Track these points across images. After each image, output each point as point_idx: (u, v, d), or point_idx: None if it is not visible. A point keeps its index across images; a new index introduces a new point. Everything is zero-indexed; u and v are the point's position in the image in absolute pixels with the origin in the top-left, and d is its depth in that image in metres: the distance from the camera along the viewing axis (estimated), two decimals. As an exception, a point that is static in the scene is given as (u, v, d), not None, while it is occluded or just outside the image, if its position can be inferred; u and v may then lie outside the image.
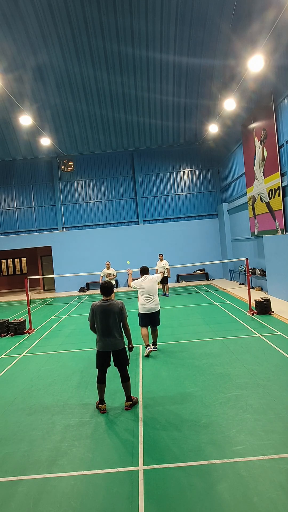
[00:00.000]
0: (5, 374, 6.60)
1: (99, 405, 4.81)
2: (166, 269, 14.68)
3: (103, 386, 4.82)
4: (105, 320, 4.67)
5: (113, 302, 4.77)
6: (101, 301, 4.77)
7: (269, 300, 9.89)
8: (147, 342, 7.10)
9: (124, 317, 4.79)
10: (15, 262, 24.69)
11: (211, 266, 19.68)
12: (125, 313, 4.80)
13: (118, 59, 15.19)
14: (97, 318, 4.70)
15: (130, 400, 4.85)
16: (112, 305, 4.70)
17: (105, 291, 4.81)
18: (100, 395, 4.83)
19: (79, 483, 3.34)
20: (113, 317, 4.68)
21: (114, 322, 4.69)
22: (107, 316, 4.67)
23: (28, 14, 12.99)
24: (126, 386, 4.85)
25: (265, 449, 3.61)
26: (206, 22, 13.22)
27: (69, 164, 20.41)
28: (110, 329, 4.68)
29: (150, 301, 6.95)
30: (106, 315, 4.67)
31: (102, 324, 4.68)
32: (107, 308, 4.68)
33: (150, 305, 6.96)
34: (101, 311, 4.68)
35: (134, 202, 20.47)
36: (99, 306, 4.71)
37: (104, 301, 4.76)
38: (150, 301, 6.95)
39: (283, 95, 11.16)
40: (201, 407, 4.63)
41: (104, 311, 4.67)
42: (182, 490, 3.13)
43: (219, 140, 18.98)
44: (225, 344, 7.36)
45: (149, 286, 6.96)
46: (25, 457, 3.84)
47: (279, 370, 5.65)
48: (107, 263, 13.44)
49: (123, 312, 4.78)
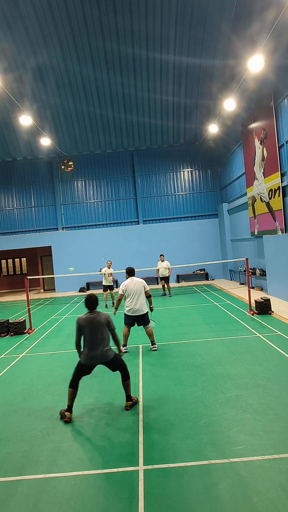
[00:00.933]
0: (5, 374, 6.60)
1: (66, 412, 4.51)
2: (168, 269, 14.71)
3: (75, 392, 4.57)
4: (94, 332, 4.52)
5: (100, 313, 4.64)
6: (87, 314, 4.61)
7: (269, 300, 9.89)
8: (125, 342, 7.28)
9: (112, 329, 4.69)
10: (15, 262, 24.69)
11: (211, 266, 19.68)
12: (112, 325, 4.69)
13: (118, 59, 15.19)
14: (85, 331, 4.53)
15: (130, 400, 4.82)
16: (99, 317, 4.59)
17: (91, 304, 4.64)
18: (69, 402, 4.55)
19: (79, 483, 3.34)
20: (101, 329, 4.56)
21: (102, 334, 4.57)
22: (96, 328, 4.53)
23: (28, 14, 12.99)
24: (126, 385, 4.81)
25: (265, 449, 3.61)
26: (206, 22, 13.22)
27: (69, 164, 20.41)
28: (99, 342, 4.55)
29: (136, 303, 7.04)
30: (94, 327, 4.53)
31: (90, 337, 4.52)
32: (95, 320, 4.55)
33: (135, 306, 7.04)
34: (89, 324, 4.52)
35: (134, 202, 20.47)
36: (86, 319, 4.55)
37: (90, 313, 4.61)
38: (135, 303, 7.04)
39: (283, 95, 11.16)
40: (201, 407, 4.62)
41: (92, 324, 4.52)
42: (182, 490, 3.13)
43: (219, 140, 18.98)
44: (225, 344, 7.36)
45: (137, 289, 7.06)
46: (25, 457, 3.84)
47: (279, 370, 5.65)
48: (108, 262, 13.53)
49: (110, 323, 4.67)
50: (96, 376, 6.10)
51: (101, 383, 5.78)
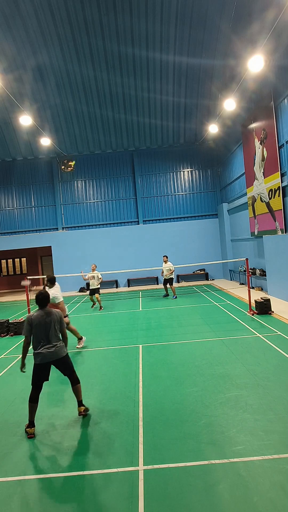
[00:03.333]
0: (5, 374, 6.60)
1: (27, 428, 4.33)
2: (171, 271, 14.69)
3: (35, 406, 4.40)
4: (45, 330, 4.46)
5: (52, 311, 4.60)
6: (38, 312, 4.54)
7: (269, 300, 9.89)
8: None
9: (63, 326, 4.68)
10: (15, 262, 24.69)
11: (211, 266, 19.68)
12: (64, 322, 4.70)
13: (118, 59, 15.19)
14: (36, 329, 4.44)
15: (83, 405, 4.68)
16: (51, 315, 4.54)
17: (42, 301, 4.59)
18: (30, 416, 4.37)
19: (79, 483, 3.34)
20: (53, 326, 4.51)
21: (55, 332, 4.51)
22: (48, 326, 4.47)
23: (28, 14, 12.99)
24: (76, 390, 4.67)
25: (265, 449, 3.61)
26: (206, 22, 13.22)
27: (69, 164, 20.41)
28: (51, 339, 4.48)
29: None
30: (46, 325, 4.47)
31: (42, 335, 4.45)
32: (47, 318, 4.49)
33: None
34: (40, 321, 4.45)
35: (134, 202, 20.46)
36: (37, 317, 4.46)
37: (41, 311, 4.54)
38: None
39: (283, 95, 11.16)
40: (201, 407, 4.62)
41: (44, 321, 4.47)
42: (182, 490, 3.13)
43: (219, 140, 18.98)
44: (225, 344, 7.36)
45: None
46: (25, 457, 3.84)
47: (279, 370, 5.65)
48: (92, 266, 13.39)
49: (62, 321, 4.66)
50: (96, 376, 6.11)
51: (101, 383, 5.78)
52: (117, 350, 7.65)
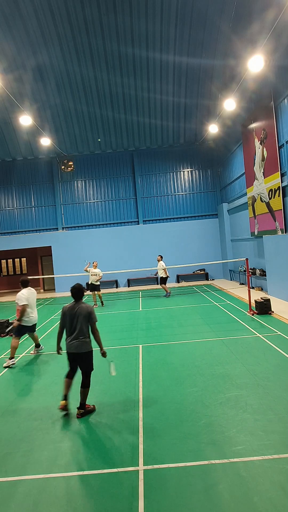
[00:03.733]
0: (5, 374, 6.60)
1: (61, 401, 4.77)
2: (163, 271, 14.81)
3: (69, 381, 4.81)
4: (72, 322, 4.71)
5: (82, 305, 4.79)
6: (71, 304, 4.85)
7: (269, 300, 9.89)
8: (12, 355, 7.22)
9: (93, 321, 4.77)
10: (15, 262, 24.68)
11: (211, 266, 19.67)
12: (94, 317, 4.78)
13: (118, 59, 15.19)
14: (66, 320, 4.75)
15: (83, 408, 4.71)
16: (81, 308, 4.74)
17: (75, 294, 4.86)
18: (64, 391, 4.80)
19: (79, 483, 3.34)
20: (80, 319, 4.69)
21: (81, 325, 4.69)
22: (75, 318, 4.70)
23: (28, 14, 12.99)
24: (83, 393, 4.74)
25: (265, 449, 3.61)
26: (206, 22, 13.22)
27: (69, 164, 20.41)
28: (75, 332, 4.69)
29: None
30: (74, 317, 4.71)
31: (69, 325, 4.73)
32: (76, 310, 4.73)
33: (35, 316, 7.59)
34: (70, 313, 4.73)
35: (134, 202, 20.46)
36: (68, 309, 4.78)
37: (73, 304, 4.82)
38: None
39: (283, 95, 11.16)
40: (201, 407, 4.62)
41: (72, 313, 4.72)
42: (182, 490, 3.13)
43: (219, 140, 18.98)
44: (225, 344, 7.36)
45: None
46: (25, 457, 3.84)
47: (279, 370, 5.65)
48: (94, 263, 14.14)
49: (92, 315, 4.76)
50: (96, 376, 6.11)
51: (101, 383, 5.78)
52: (117, 350, 7.65)
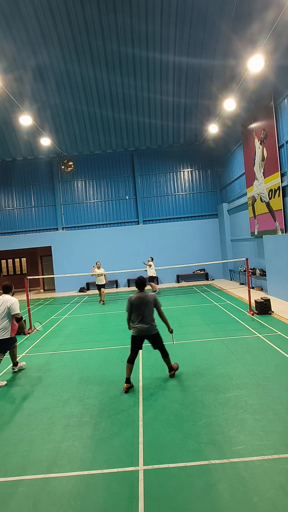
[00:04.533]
0: (5, 374, 6.60)
1: (125, 383, 5.35)
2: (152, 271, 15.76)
3: (131, 366, 5.43)
4: (141, 309, 5.41)
5: (148, 294, 5.50)
6: (137, 294, 5.52)
7: (269, 300, 9.89)
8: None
9: (159, 306, 5.55)
10: (15, 262, 24.69)
11: (211, 266, 19.67)
12: (159, 303, 5.55)
13: (118, 59, 15.19)
14: (134, 308, 5.44)
15: (172, 370, 5.70)
16: (147, 297, 5.48)
17: (140, 285, 5.60)
18: (127, 374, 5.39)
19: (79, 483, 3.34)
20: (148, 306, 5.43)
21: (149, 311, 5.44)
22: (143, 305, 5.41)
23: (28, 14, 12.99)
24: (167, 360, 5.70)
25: (265, 449, 3.60)
26: (206, 22, 13.22)
27: (69, 164, 20.41)
28: (145, 317, 5.41)
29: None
30: (142, 305, 5.42)
31: (138, 313, 5.43)
32: (143, 299, 5.44)
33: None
34: (138, 302, 5.43)
35: (134, 202, 20.46)
36: (136, 298, 5.46)
37: (139, 293, 5.51)
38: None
39: (283, 95, 11.16)
40: (201, 407, 4.62)
41: (140, 301, 5.43)
42: (182, 490, 3.13)
43: (219, 140, 18.98)
44: (225, 344, 7.36)
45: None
46: (25, 457, 3.83)
47: (279, 370, 5.65)
48: (97, 263, 14.72)
49: (157, 301, 5.53)
50: (96, 376, 6.11)
51: (101, 383, 5.78)
52: (117, 350, 7.64)
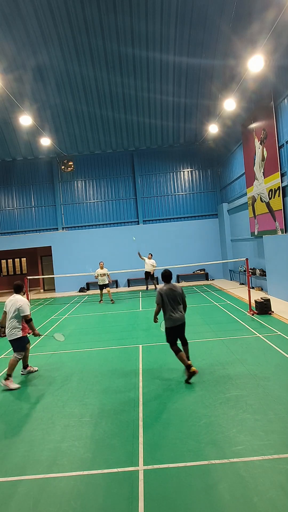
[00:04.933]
0: (5, 374, 6.58)
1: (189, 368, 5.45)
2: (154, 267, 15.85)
3: (181, 353, 5.63)
4: (172, 300, 5.67)
5: (176, 285, 5.82)
6: (166, 286, 5.78)
7: (269, 300, 9.89)
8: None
9: (184, 297, 5.84)
10: (15, 262, 24.68)
11: (211, 266, 19.67)
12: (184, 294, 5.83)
13: (118, 59, 15.19)
14: (165, 299, 5.65)
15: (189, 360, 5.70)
16: (176, 288, 5.77)
17: (167, 278, 5.87)
18: (184, 363, 5.56)
19: (79, 483, 3.34)
20: (178, 297, 5.72)
21: (179, 301, 5.72)
22: (174, 296, 5.69)
23: (28, 14, 12.99)
24: (186, 350, 5.87)
25: (265, 449, 3.60)
26: (206, 22, 13.22)
27: (69, 164, 20.41)
28: (177, 307, 5.68)
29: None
30: (173, 296, 5.68)
31: (170, 304, 5.66)
32: (174, 290, 5.73)
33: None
34: (169, 293, 5.68)
35: (134, 202, 20.46)
36: (167, 290, 5.71)
37: (168, 285, 5.78)
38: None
39: (283, 95, 11.16)
40: (201, 407, 4.62)
41: (172, 292, 5.71)
42: (182, 490, 3.13)
43: (219, 140, 18.98)
44: (225, 344, 7.36)
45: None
46: (25, 457, 3.83)
47: (279, 370, 5.65)
48: (100, 263, 14.79)
49: (183, 293, 5.82)
50: (96, 376, 6.11)
51: (101, 383, 5.78)
52: (117, 350, 7.65)
